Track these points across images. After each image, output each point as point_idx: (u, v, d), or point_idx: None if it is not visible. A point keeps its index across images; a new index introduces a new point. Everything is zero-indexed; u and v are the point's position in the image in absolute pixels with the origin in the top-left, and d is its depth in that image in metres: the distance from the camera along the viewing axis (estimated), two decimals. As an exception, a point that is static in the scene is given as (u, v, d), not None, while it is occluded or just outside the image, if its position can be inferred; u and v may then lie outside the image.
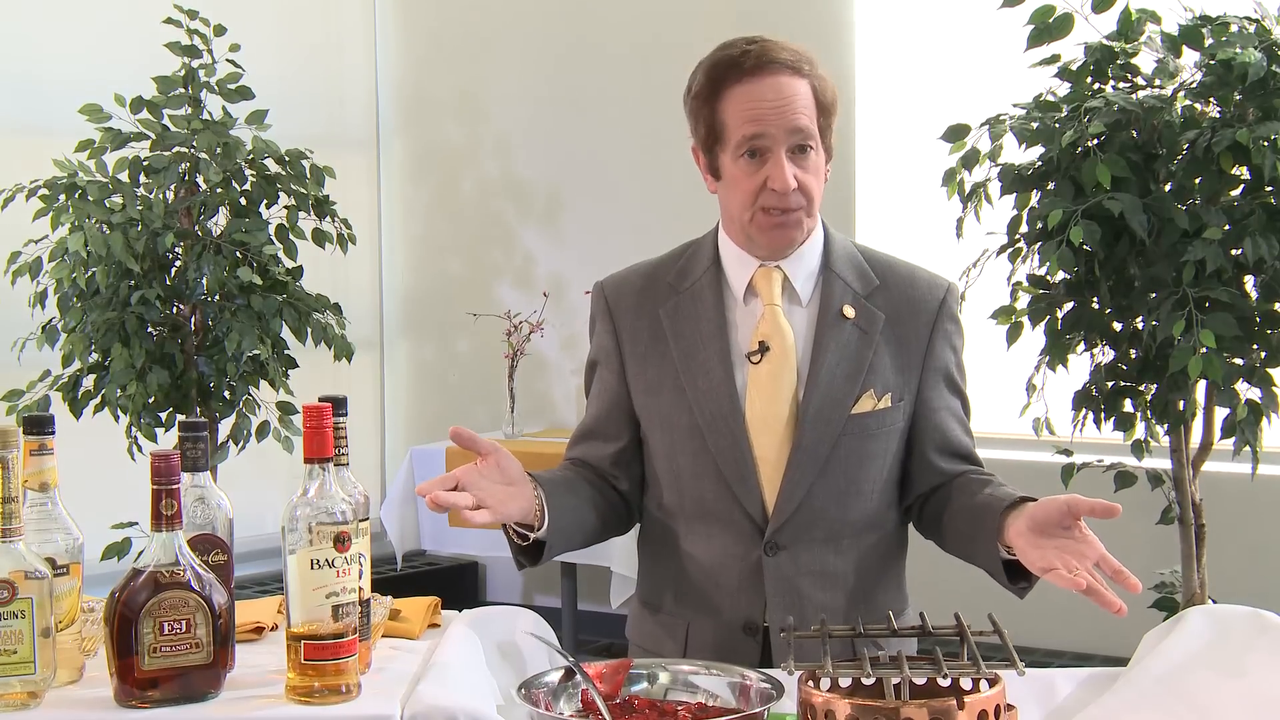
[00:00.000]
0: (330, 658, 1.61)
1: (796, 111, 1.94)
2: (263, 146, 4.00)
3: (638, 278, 2.11)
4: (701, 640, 2.01)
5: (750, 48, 1.96)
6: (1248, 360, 2.99)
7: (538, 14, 5.43)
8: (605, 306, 2.11)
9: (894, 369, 2.01)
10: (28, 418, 1.73)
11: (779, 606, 1.97)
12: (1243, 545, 4.07)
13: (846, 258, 2.07)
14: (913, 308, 2.04)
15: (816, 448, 1.96)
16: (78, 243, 3.70)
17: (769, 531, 1.98)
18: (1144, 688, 1.65)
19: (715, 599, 2.01)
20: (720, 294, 2.04)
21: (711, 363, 2.00)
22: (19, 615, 1.61)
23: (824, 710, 1.44)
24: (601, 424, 2.11)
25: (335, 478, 1.65)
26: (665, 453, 2.04)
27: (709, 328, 2.02)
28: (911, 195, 4.46)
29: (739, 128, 1.94)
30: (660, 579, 2.09)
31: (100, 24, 4.80)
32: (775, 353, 1.99)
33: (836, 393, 1.97)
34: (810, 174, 1.96)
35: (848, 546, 2.01)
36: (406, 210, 5.79)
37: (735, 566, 2.00)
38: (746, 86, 1.94)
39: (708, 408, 1.99)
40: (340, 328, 4.08)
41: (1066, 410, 3.22)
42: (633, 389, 2.07)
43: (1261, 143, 2.86)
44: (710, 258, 2.07)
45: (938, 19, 4.70)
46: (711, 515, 2.01)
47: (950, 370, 2.06)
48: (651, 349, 2.05)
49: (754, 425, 1.98)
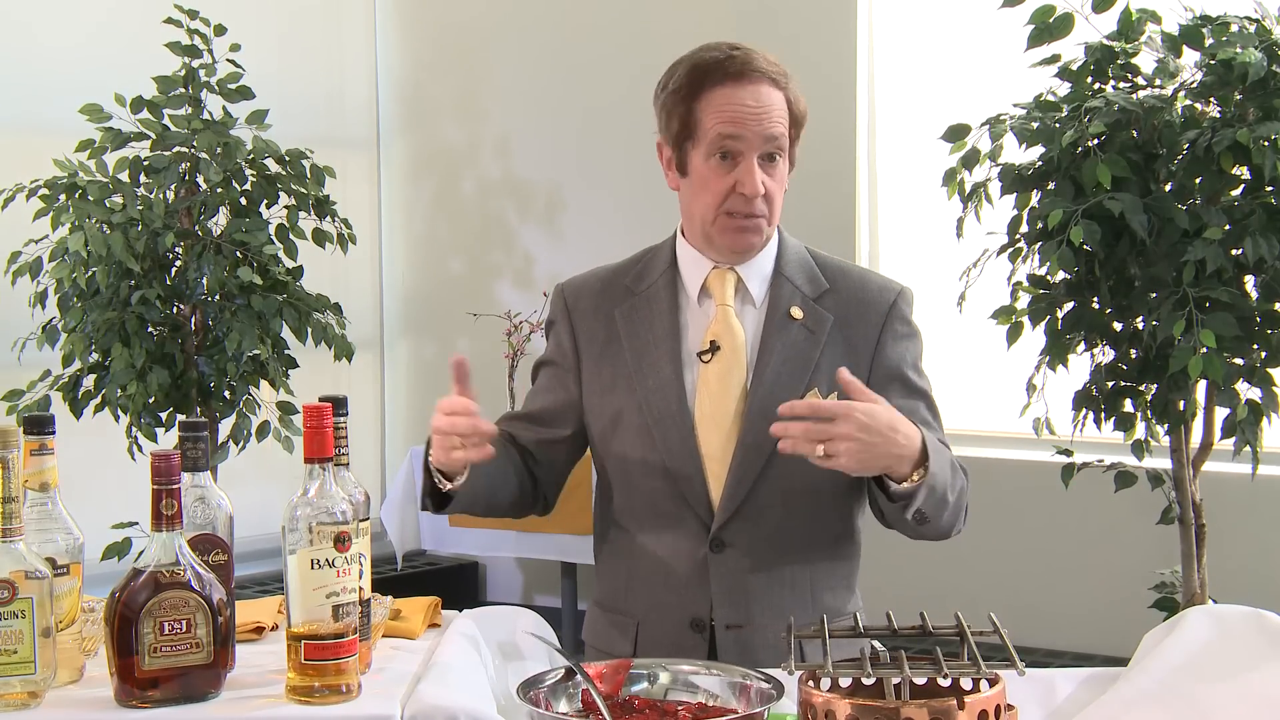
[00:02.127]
0: (330, 658, 1.61)
1: (773, 120, 1.98)
2: (263, 146, 3.99)
3: (596, 281, 2.16)
4: (651, 638, 2.03)
5: (735, 53, 2.00)
6: (1248, 360, 2.99)
7: (538, 14, 5.43)
8: (564, 308, 2.15)
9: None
10: (28, 418, 1.73)
11: (725, 604, 2.00)
12: (1243, 545, 4.07)
13: (799, 262, 2.10)
14: (862, 310, 2.06)
15: (761, 445, 1.97)
16: (78, 243, 3.70)
17: (714, 528, 2.00)
18: (1144, 688, 1.65)
19: (664, 597, 2.04)
20: (675, 296, 2.08)
21: (661, 362, 2.04)
22: (19, 615, 1.61)
23: (824, 710, 1.44)
24: (543, 415, 2.13)
25: (335, 478, 1.65)
26: (615, 452, 2.07)
27: (661, 328, 2.06)
28: (911, 195, 4.46)
29: (715, 127, 1.98)
30: (613, 579, 2.12)
31: (100, 24, 4.80)
32: (725, 352, 2.02)
33: (781, 391, 1.99)
34: (776, 182, 2.01)
35: (795, 545, 2.02)
36: (407, 210, 5.79)
37: (683, 564, 2.02)
38: (729, 89, 1.98)
39: (656, 406, 2.02)
40: (340, 328, 4.08)
41: (1067, 410, 3.22)
42: (587, 390, 2.10)
43: (1262, 142, 2.86)
44: (667, 260, 2.11)
45: (938, 19, 4.70)
46: (660, 513, 2.04)
47: (903, 371, 2.07)
48: (606, 350, 2.09)
49: (702, 423, 2.02)
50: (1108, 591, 4.25)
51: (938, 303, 3.38)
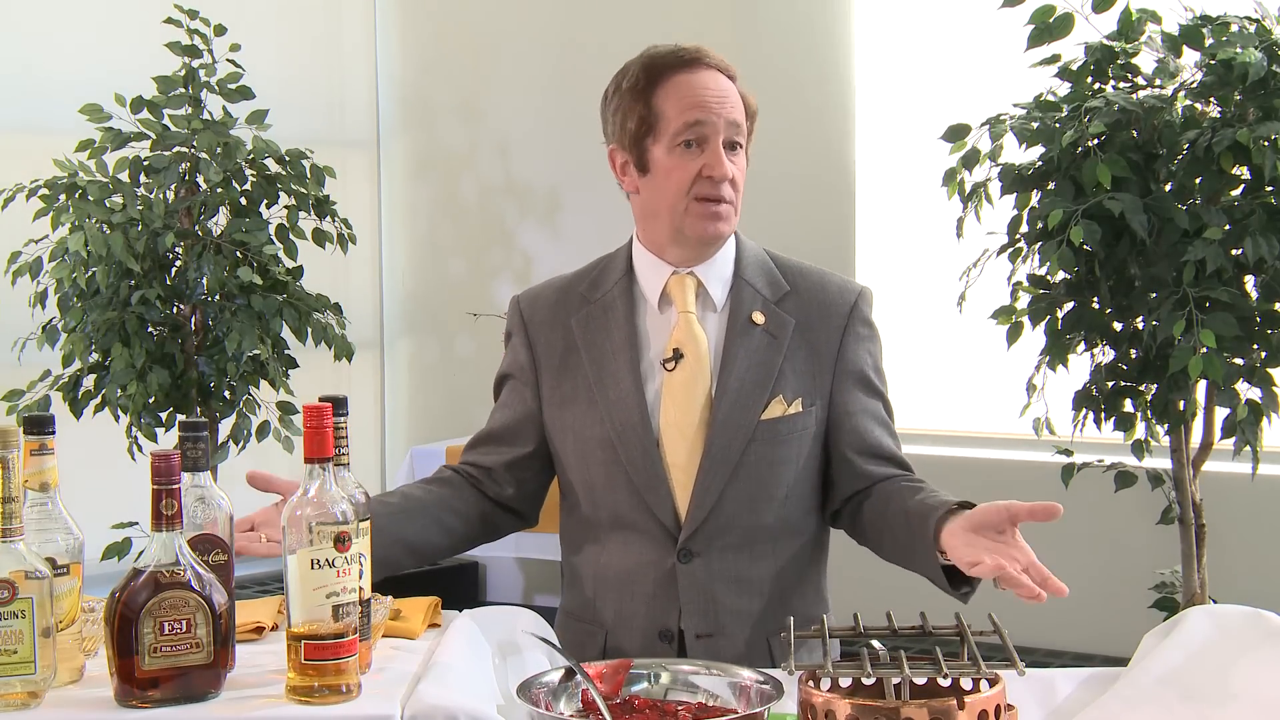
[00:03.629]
0: (330, 658, 1.61)
1: (734, 106, 2.00)
2: (263, 146, 3.99)
3: (552, 291, 2.13)
4: (620, 648, 2.02)
5: (686, 46, 2.02)
6: (1248, 360, 2.99)
7: (538, 15, 5.43)
8: (520, 320, 2.13)
9: (804, 374, 2.02)
10: (28, 418, 1.73)
11: (694, 613, 1.99)
12: (1243, 545, 4.07)
13: (758, 264, 2.08)
14: (823, 312, 2.05)
15: (726, 454, 1.97)
16: (78, 243, 3.70)
17: (682, 538, 1.99)
18: (1144, 687, 1.65)
19: (632, 607, 2.03)
20: (632, 303, 2.06)
21: (621, 372, 2.02)
22: (19, 615, 1.61)
23: (824, 710, 1.44)
24: (505, 433, 2.12)
25: (335, 478, 1.65)
26: (578, 464, 2.06)
27: (620, 337, 2.04)
28: (911, 195, 4.46)
29: (680, 115, 1.97)
30: (579, 589, 2.11)
31: (100, 24, 4.80)
32: (689, 360, 2.00)
33: (746, 399, 1.98)
34: (740, 171, 2.01)
35: (762, 552, 2.01)
36: (407, 210, 5.79)
37: (650, 574, 2.01)
38: (686, 76, 1.99)
39: (618, 418, 2.01)
40: (340, 328, 4.08)
41: (1066, 410, 3.22)
42: (546, 402, 2.08)
43: (1262, 142, 2.86)
44: (623, 268, 2.09)
45: (938, 19, 4.70)
46: (626, 524, 2.02)
47: (865, 372, 2.06)
48: (565, 361, 2.07)
49: (666, 433, 2.00)
50: (1108, 591, 4.24)
51: (938, 303, 3.38)
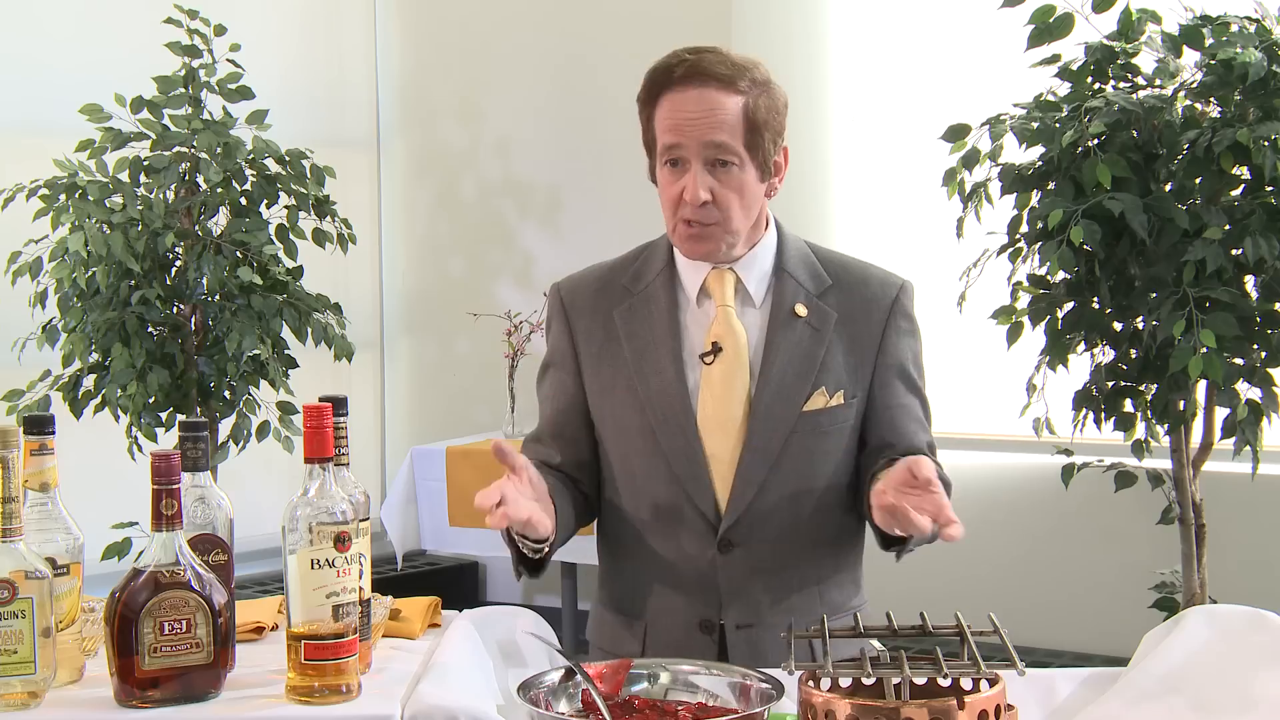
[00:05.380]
0: (330, 658, 1.61)
1: (714, 126, 1.93)
2: (263, 146, 4.00)
3: (593, 279, 2.13)
4: (659, 639, 2.02)
5: (688, 58, 1.96)
6: (1248, 360, 2.99)
7: (538, 15, 5.43)
8: (561, 307, 2.13)
9: (846, 367, 2.01)
10: (28, 418, 1.73)
11: (734, 604, 1.99)
12: (1243, 545, 4.07)
13: (800, 258, 2.08)
14: (865, 306, 2.05)
15: (768, 445, 1.97)
16: (78, 243, 3.70)
17: (722, 529, 1.99)
18: (1144, 688, 1.65)
19: (672, 598, 2.03)
20: (674, 296, 2.06)
21: (663, 363, 2.02)
22: (19, 615, 1.61)
23: (824, 710, 1.44)
24: (559, 426, 2.11)
25: (335, 478, 1.65)
26: (619, 454, 2.06)
27: (661, 329, 2.04)
28: (911, 195, 4.46)
29: (661, 137, 1.98)
30: (618, 580, 2.11)
31: (100, 24, 4.80)
32: (728, 353, 2.00)
33: (788, 391, 1.98)
34: (730, 189, 1.96)
35: (802, 544, 2.02)
36: (407, 210, 5.79)
37: (690, 565, 2.01)
38: (673, 96, 1.96)
39: (659, 408, 2.01)
40: (340, 328, 4.08)
41: (1067, 410, 3.22)
42: (588, 389, 2.09)
43: (1262, 142, 2.86)
44: (664, 260, 2.09)
45: (938, 18, 4.70)
46: (665, 515, 2.02)
47: (906, 367, 2.06)
48: (605, 350, 2.07)
49: (705, 425, 2.00)
50: (1108, 591, 4.24)
51: (938, 303, 3.38)
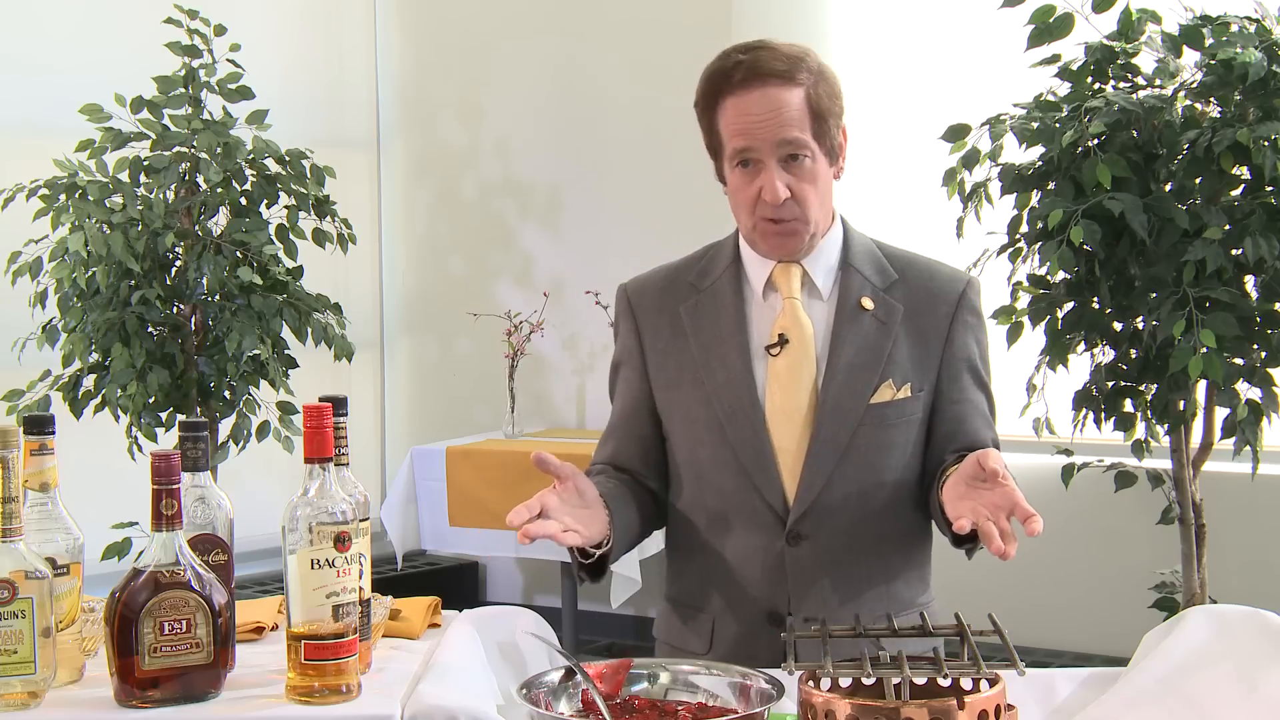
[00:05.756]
0: (330, 658, 1.61)
1: (784, 124, 1.94)
2: (263, 146, 4.00)
3: (660, 278, 2.15)
4: (726, 633, 2.02)
5: (743, 58, 1.95)
6: (1248, 360, 2.99)
7: (538, 15, 5.43)
8: (628, 306, 2.14)
9: (912, 360, 2.02)
10: (28, 418, 1.73)
11: (802, 597, 1.99)
12: (1243, 545, 4.07)
13: (866, 253, 2.08)
14: (932, 300, 2.05)
15: (835, 437, 1.97)
16: (78, 243, 3.70)
17: (790, 521, 1.99)
18: (1144, 687, 1.65)
19: (739, 592, 2.03)
20: (740, 290, 2.07)
21: (730, 356, 2.02)
22: (19, 615, 1.61)
23: (824, 710, 1.44)
24: (627, 422, 2.12)
25: (335, 478, 1.65)
26: (686, 447, 2.06)
27: (728, 323, 2.04)
28: (911, 196, 4.46)
29: (730, 140, 1.97)
30: (685, 575, 2.11)
31: (100, 24, 4.80)
32: (794, 345, 2.00)
33: (855, 383, 1.98)
34: (805, 182, 1.97)
35: (870, 537, 2.01)
36: (407, 210, 5.79)
37: (758, 558, 2.01)
38: (736, 99, 1.95)
39: (727, 400, 2.01)
40: (340, 328, 4.08)
41: (1067, 410, 3.22)
42: (654, 385, 2.09)
43: (1262, 142, 2.86)
44: (731, 256, 2.10)
45: (938, 18, 4.70)
46: (733, 508, 2.02)
47: (973, 361, 2.06)
48: (671, 344, 2.08)
49: (773, 417, 2.00)
50: (1108, 591, 4.25)
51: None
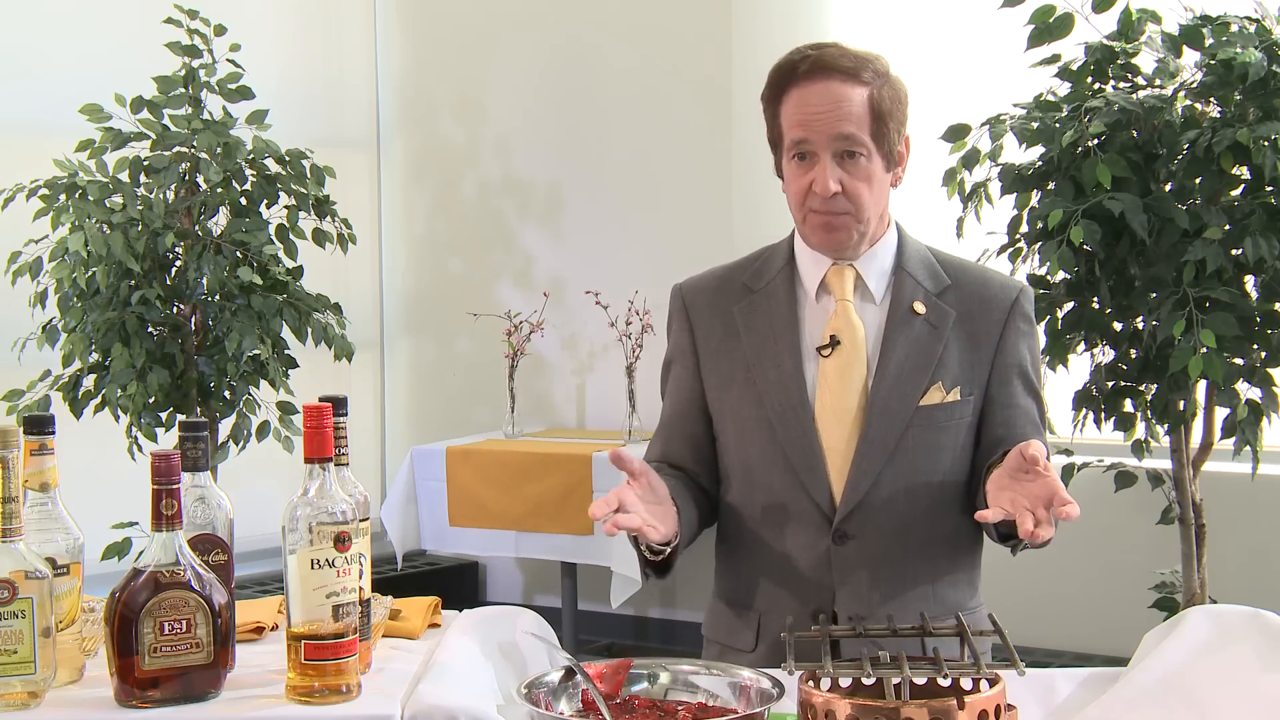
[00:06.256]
0: (330, 658, 1.61)
1: (842, 118, 1.98)
2: (263, 146, 4.00)
3: (713, 279, 2.17)
4: (772, 631, 2.03)
5: (810, 53, 2.01)
6: (1248, 360, 2.99)
7: (538, 14, 5.43)
8: (682, 306, 2.17)
9: (963, 364, 2.03)
10: (28, 418, 1.73)
11: (848, 595, 2.00)
12: (1243, 545, 4.07)
13: (919, 259, 2.11)
14: (985, 305, 2.07)
15: (884, 438, 1.99)
16: (78, 243, 3.70)
17: (837, 520, 2.00)
18: (1144, 687, 1.65)
19: (786, 589, 2.04)
20: (793, 292, 2.09)
21: (782, 356, 2.05)
22: (19, 615, 1.61)
23: (824, 710, 1.44)
24: (679, 421, 2.15)
25: (335, 478, 1.65)
26: (736, 445, 2.08)
27: (781, 323, 2.07)
28: (911, 195, 4.46)
29: (789, 131, 2.01)
30: (734, 573, 2.13)
31: (100, 24, 4.80)
32: (845, 346, 2.02)
33: (905, 385, 2.00)
34: (859, 180, 2.01)
35: (917, 538, 2.02)
36: (407, 210, 5.79)
37: (805, 556, 2.02)
38: (800, 91, 1.99)
39: (777, 399, 2.03)
40: (340, 328, 4.08)
41: (1067, 410, 3.22)
42: (706, 384, 2.12)
43: (1262, 142, 2.86)
44: (785, 258, 2.12)
45: (938, 19, 4.70)
46: (781, 506, 2.04)
47: (1025, 368, 2.08)
48: (724, 344, 2.10)
49: (822, 416, 2.02)
50: (1108, 591, 4.25)
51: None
